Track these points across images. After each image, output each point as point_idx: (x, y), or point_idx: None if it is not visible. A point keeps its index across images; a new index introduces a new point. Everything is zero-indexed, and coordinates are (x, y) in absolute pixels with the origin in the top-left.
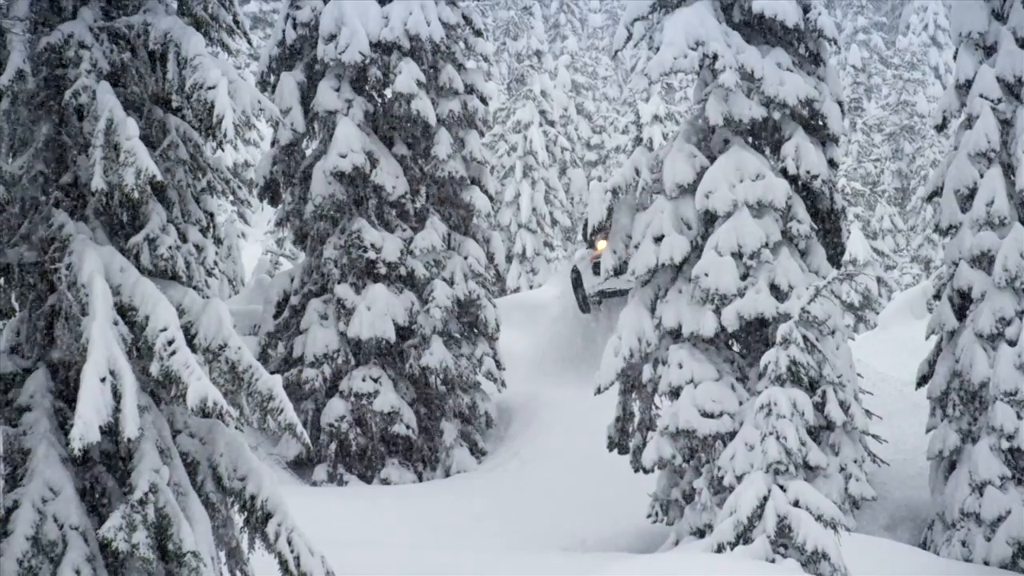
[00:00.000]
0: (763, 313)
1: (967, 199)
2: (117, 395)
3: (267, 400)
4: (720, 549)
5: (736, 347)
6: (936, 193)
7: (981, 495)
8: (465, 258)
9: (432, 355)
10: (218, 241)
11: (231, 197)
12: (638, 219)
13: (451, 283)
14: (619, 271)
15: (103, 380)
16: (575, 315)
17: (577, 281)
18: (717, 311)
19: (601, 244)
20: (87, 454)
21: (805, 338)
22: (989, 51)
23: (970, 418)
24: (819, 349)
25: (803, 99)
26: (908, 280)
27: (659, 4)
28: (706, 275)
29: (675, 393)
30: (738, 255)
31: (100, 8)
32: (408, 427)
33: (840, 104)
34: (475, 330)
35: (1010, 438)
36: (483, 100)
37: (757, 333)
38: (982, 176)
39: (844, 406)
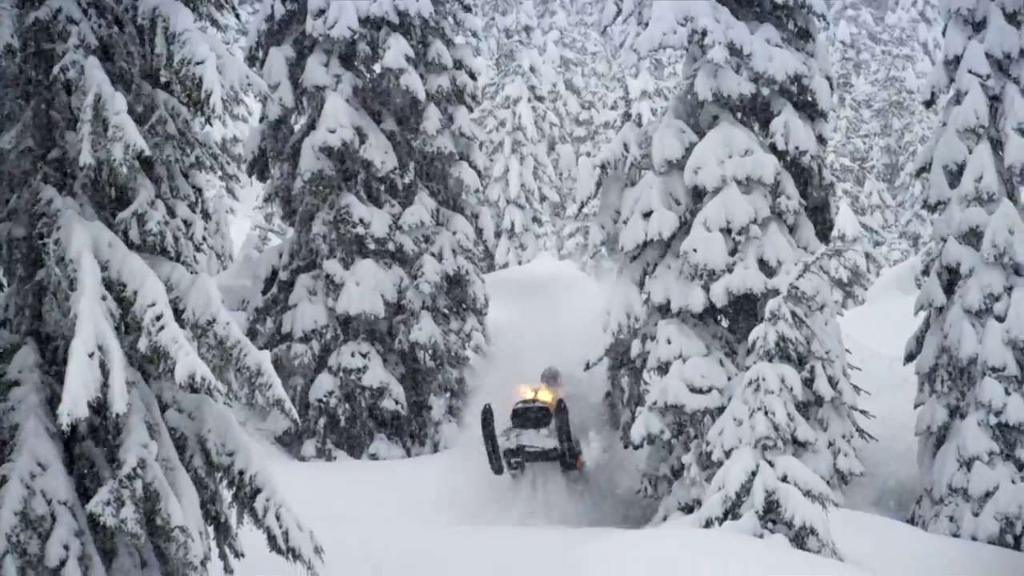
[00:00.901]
0: (752, 289)
1: (956, 175)
2: (105, 370)
3: (256, 376)
4: (708, 524)
5: (725, 322)
6: (925, 169)
7: (969, 471)
8: (454, 233)
9: (421, 330)
10: (206, 216)
11: (219, 172)
12: (627, 195)
13: (440, 259)
14: (610, 247)
15: (91, 355)
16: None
17: (488, 426)
18: (706, 287)
19: (526, 390)
20: (75, 429)
21: (794, 314)
22: (978, 27)
23: (958, 393)
24: (808, 325)
25: (792, 75)
26: (897, 256)
27: None
28: (695, 251)
29: (664, 368)
30: (727, 231)
31: None
32: (397, 402)
33: (829, 80)
34: (464, 306)
35: (998, 413)
36: (472, 76)
37: (746, 309)
38: (971, 152)
39: (832, 381)
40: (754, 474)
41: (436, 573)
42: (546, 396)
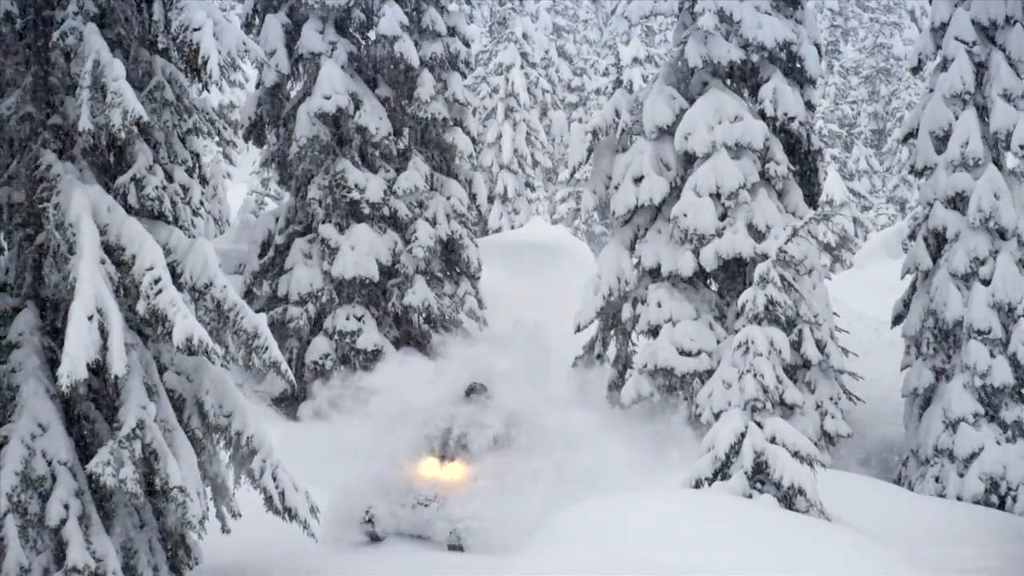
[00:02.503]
0: (741, 253)
1: (942, 141)
2: (104, 333)
3: (252, 338)
4: (698, 485)
5: (714, 286)
6: (912, 135)
7: (955, 432)
8: (448, 198)
9: (415, 294)
10: (204, 181)
11: (216, 138)
12: (618, 160)
13: (434, 223)
14: (601, 212)
15: (90, 318)
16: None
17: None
18: (696, 251)
19: (429, 462)
20: (75, 391)
21: (782, 277)
22: None
23: (944, 356)
24: (796, 288)
25: (781, 42)
26: (884, 220)
27: None
28: (685, 215)
29: (654, 332)
30: (716, 196)
31: None
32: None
33: (817, 47)
34: (457, 269)
35: (983, 376)
36: (465, 42)
37: (735, 273)
38: (957, 118)
39: (820, 344)
40: (743, 436)
41: None
42: (455, 472)
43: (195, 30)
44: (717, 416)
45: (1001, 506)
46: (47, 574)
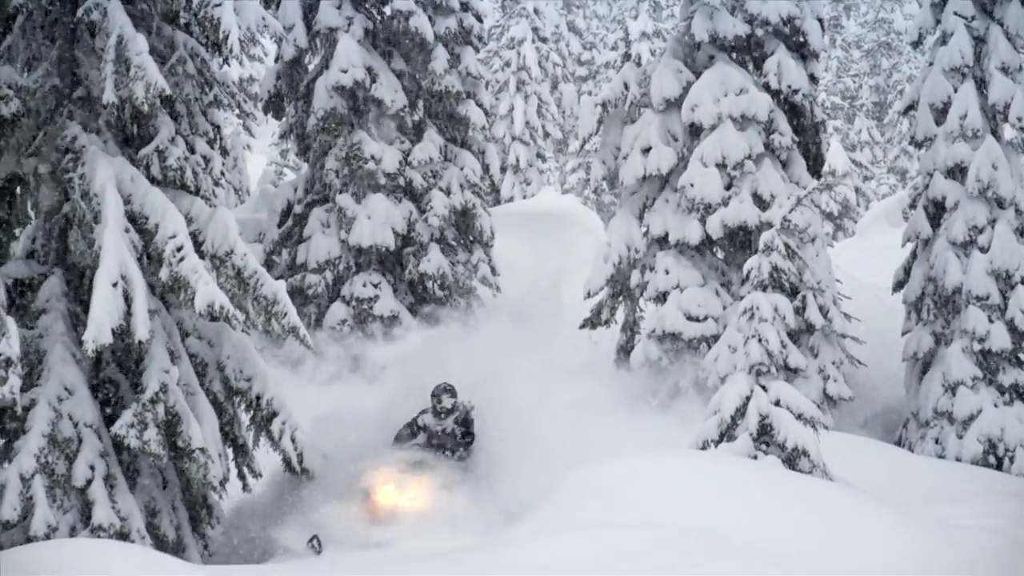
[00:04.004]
0: (746, 222)
1: (941, 113)
2: (128, 299)
3: (272, 304)
4: (704, 446)
5: (720, 254)
6: (912, 107)
7: (954, 395)
8: (461, 169)
9: (430, 262)
10: (224, 152)
11: (237, 110)
12: (626, 132)
13: (448, 193)
14: (610, 182)
15: (115, 285)
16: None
17: None
18: (702, 219)
19: (385, 486)
20: (100, 355)
21: (787, 245)
22: None
23: (943, 321)
24: (800, 256)
25: (785, 16)
26: (885, 190)
27: None
28: (692, 185)
29: (662, 298)
30: (722, 166)
31: None
32: (407, 330)
33: (820, 21)
34: (471, 238)
35: (982, 340)
36: (478, 17)
37: (740, 241)
38: (956, 91)
39: (823, 310)
40: (748, 399)
41: None
42: (415, 501)
43: (216, 5)
44: (723, 380)
45: (999, 467)
46: (73, 533)
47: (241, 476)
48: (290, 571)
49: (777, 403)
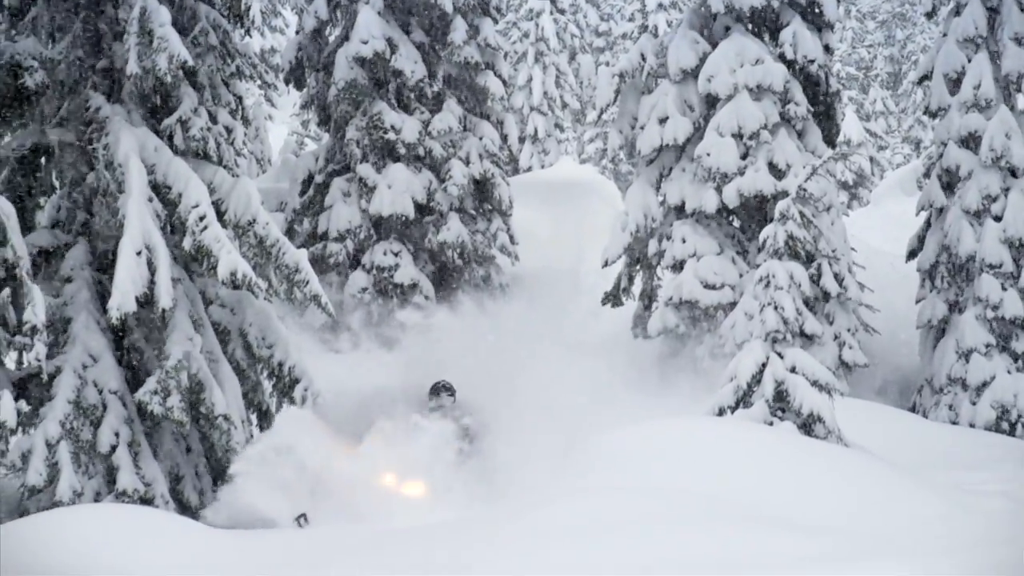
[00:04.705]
0: (762, 191)
1: (955, 83)
2: (152, 268)
3: (294, 272)
4: (721, 412)
5: (736, 223)
6: (926, 77)
7: (967, 362)
8: (480, 139)
9: (449, 230)
10: (246, 123)
11: (258, 81)
12: (644, 102)
13: (467, 163)
14: (627, 151)
15: (139, 254)
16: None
17: None
18: (719, 189)
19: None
20: (124, 323)
21: (802, 214)
22: None
23: (957, 289)
24: (815, 224)
25: None
26: (899, 159)
27: None
28: (708, 155)
29: (679, 266)
30: (738, 136)
31: None
32: (427, 298)
33: None
34: (490, 207)
35: (995, 308)
36: None
37: (756, 209)
38: (969, 61)
39: (838, 278)
40: (764, 365)
41: None
42: (415, 489)
43: None
44: (739, 347)
45: (1011, 432)
46: (98, 497)
47: None
48: (317, 536)
49: (793, 370)
